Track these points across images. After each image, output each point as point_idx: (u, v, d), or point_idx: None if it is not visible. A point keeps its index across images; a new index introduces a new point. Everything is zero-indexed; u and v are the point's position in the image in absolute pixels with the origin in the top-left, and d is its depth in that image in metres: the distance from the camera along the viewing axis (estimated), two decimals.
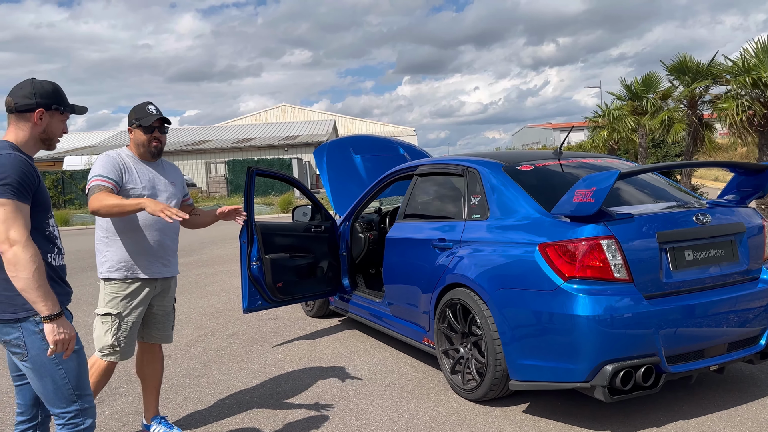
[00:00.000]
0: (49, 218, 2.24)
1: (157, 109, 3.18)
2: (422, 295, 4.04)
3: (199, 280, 8.27)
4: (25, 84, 2.25)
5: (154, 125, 3.13)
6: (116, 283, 3.07)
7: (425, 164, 4.52)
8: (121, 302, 3.08)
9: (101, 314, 3.10)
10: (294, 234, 5.04)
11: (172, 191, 3.23)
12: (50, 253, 2.22)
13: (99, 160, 3.10)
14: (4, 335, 2.17)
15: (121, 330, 3.08)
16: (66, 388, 2.21)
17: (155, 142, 3.15)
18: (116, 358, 3.10)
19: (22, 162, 2.09)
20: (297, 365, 4.42)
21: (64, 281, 2.29)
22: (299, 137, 40.62)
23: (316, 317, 5.81)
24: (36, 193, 2.14)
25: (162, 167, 3.27)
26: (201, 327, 5.68)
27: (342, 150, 6.25)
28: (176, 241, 3.28)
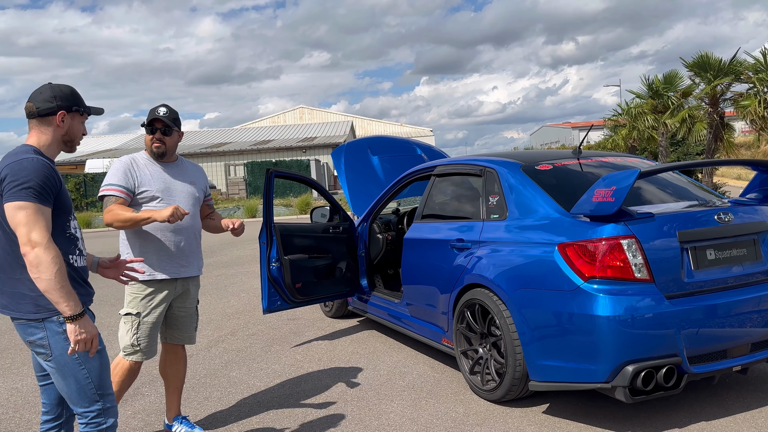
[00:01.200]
0: (71, 220, 2.28)
1: (169, 110, 3.17)
2: (441, 296, 4.05)
3: (219, 282, 8.35)
4: (44, 88, 2.29)
5: (156, 126, 3.13)
6: (136, 284, 3.10)
7: (443, 164, 4.52)
8: (141, 302, 3.11)
9: (123, 314, 3.16)
10: (313, 235, 5.08)
11: (190, 191, 3.23)
12: (72, 255, 2.25)
13: (112, 166, 3.15)
14: (28, 335, 2.21)
15: (141, 330, 3.12)
16: (89, 388, 2.24)
17: (156, 143, 3.15)
18: (138, 357, 3.14)
19: (44, 166, 2.13)
20: (316, 365, 4.44)
21: (87, 282, 2.32)
22: (317, 139, 40.80)
23: (335, 318, 5.84)
24: (58, 195, 2.18)
25: (181, 168, 3.28)
26: (221, 327, 5.74)
27: (360, 151, 6.28)
28: (197, 242, 3.29)
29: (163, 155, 3.17)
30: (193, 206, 3.23)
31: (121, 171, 3.09)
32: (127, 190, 3.06)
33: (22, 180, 2.07)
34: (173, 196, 3.15)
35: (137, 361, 3.16)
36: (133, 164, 3.13)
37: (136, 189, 3.09)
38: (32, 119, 2.27)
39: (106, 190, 3.07)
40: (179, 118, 3.22)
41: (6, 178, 2.09)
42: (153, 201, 3.10)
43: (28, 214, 2.05)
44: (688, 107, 14.70)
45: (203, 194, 3.36)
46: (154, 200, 3.10)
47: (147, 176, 3.12)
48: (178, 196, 3.17)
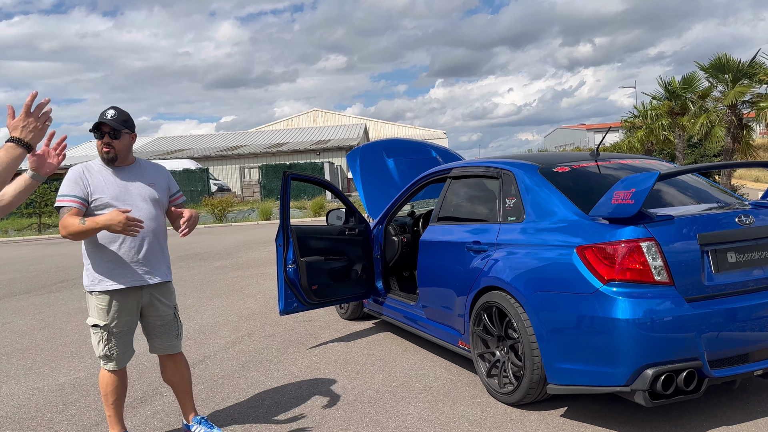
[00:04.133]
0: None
1: (117, 112, 3.02)
2: (457, 298, 4.04)
3: (235, 283, 8.40)
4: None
5: (103, 130, 3.00)
6: (99, 295, 3.04)
7: (459, 167, 4.52)
8: (107, 313, 3.04)
9: (90, 325, 3.10)
10: (328, 237, 5.10)
11: (148, 194, 3.12)
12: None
13: (65, 176, 3.04)
14: None
15: (111, 340, 3.07)
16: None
17: (105, 148, 3.02)
18: (113, 366, 3.11)
19: None
20: (332, 367, 4.46)
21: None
22: (331, 141, 40.93)
23: (351, 320, 5.85)
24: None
25: (139, 170, 3.15)
26: (238, 329, 5.78)
27: (375, 153, 6.29)
28: (161, 247, 3.17)
29: (114, 160, 3.05)
30: (153, 209, 3.12)
31: (72, 180, 3.00)
32: (80, 200, 2.97)
33: None
34: (128, 201, 3.04)
35: (114, 370, 3.13)
36: (85, 172, 3.03)
37: (90, 197, 2.99)
38: None
39: (59, 201, 2.98)
40: (131, 119, 3.09)
41: None
42: (107, 208, 2.99)
43: None
44: (707, 111, 14.54)
45: (166, 195, 3.23)
46: (109, 207, 2.99)
47: (100, 183, 3.02)
48: (134, 201, 3.06)
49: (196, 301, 7.24)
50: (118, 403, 3.20)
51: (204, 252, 12.50)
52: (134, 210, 3.03)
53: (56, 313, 6.97)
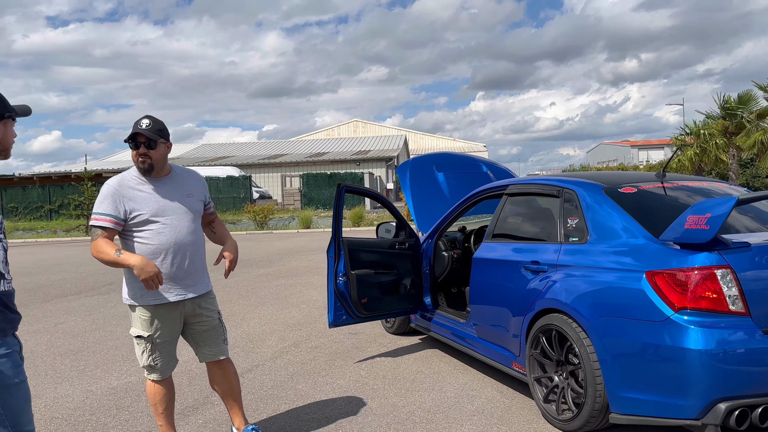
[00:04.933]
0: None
1: (152, 122, 2.96)
2: (512, 319, 3.94)
3: (279, 292, 8.44)
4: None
5: (139, 141, 2.94)
6: (140, 308, 3.02)
7: (516, 183, 4.43)
8: (150, 325, 3.03)
9: (134, 336, 3.09)
10: (379, 250, 5.07)
11: (187, 206, 3.07)
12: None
13: (100, 191, 2.98)
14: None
15: (155, 351, 3.07)
16: (3, 425, 2.03)
17: (141, 158, 2.95)
18: (157, 376, 3.12)
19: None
20: (381, 383, 4.40)
21: (9, 307, 2.08)
22: (371, 152, 41.11)
23: (396, 334, 5.79)
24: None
25: (175, 181, 3.10)
26: (284, 338, 5.78)
27: (425, 167, 6.24)
28: (201, 259, 3.14)
29: (150, 170, 2.98)
30: (192, 221, 3.08)
31: (108, 197, 2.91)
32: (116, 219, 2.90)
33: None
34: (170, 215, 2.99)
35: (159, 380, 3.13)
36: (121, 188, 2.95)
37: (127, 215, 2.92)
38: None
39: (95, 219, 2.92)
40: (165, 128, 3.02)
41: None
42: (149, 224, 2.94)
43: None
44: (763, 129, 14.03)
45: (203, 205, 3.19)
46: (150, 223, 2.94)
47: (138, 198, 2.95)
48: (174, 215, 3.00)
49: (241, 309, 7.30)
50: (167, 412, 3.21)
51: (247, 259, 12.62)
52: (174, 225, 3.01)
53: (106, 316, 7.11)
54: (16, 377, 2.04)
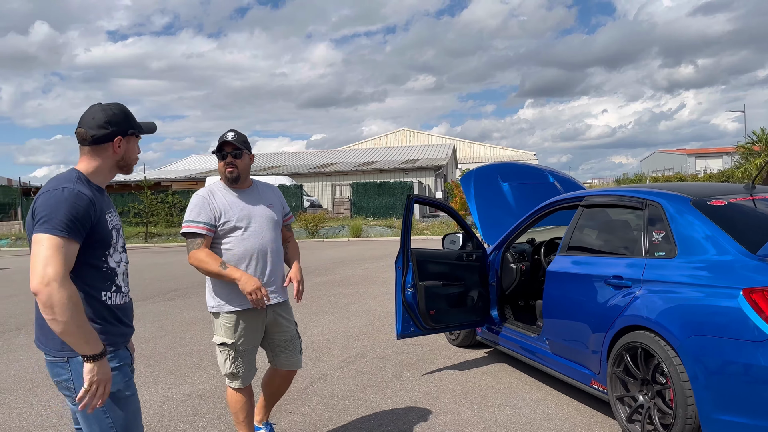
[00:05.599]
0: (110, 254, 2.07)
1: (237, 134, 3.09)
2: (592, 335, 3.83)
3: (337, 301, 8.48)
4: (96, 112, 2.09)
5: (226, 150, 3.07)
6: (226, 315, 3.09)
7: (594, 195, 4.31)
8: (234, 332, 3.09)
9: (218, 344, 3.15)
10: (447, 262, 5.02)
11: (269, 216, 3.17)
12: (106, 291, 2.06)
13: (191, 201, 3.11)
14: (55, 376, 2.04)
15: (238, 358, 3.12)
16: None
17: (229, 168, 3.08)
18: (238, 384, 3.16)
19: (77, 197, 1.94)
20: (451, 397, 4.34)
21: (122, 321, 2.11)
22: (419, 161, 41.09)
23: (461, 347, 5.72)
24: (94, 228, 1.99)
25: (257, 192, 3.21)
26: (349, 348, 5.78)
27: (489, 177, 6.16)
28: (282, 267, 3.24)
29: (236, 180, 3.11)
30: (273, 230, 3.18)
31: (200, 206, 3.05)
32: (208, 226, 3.02)
33: (49, 212, 1.89)
34: (254, 223, 3.10)
35: (240, 388, 3.16)
36: (210, 196, 3.08)
37: (217, 222, 3.04)
38: (84, 147, 2.09)
39: (188, 227, 3.03)
40: (248, 141, 3.16)
41: (36, 209, 1.94)
42: (235, 231, 3.06)
43: (47, 248, 1.85)
44: None
45: (281, 216, 3.29)
46: (236, 230, 3.06)
47: (226, 206, 3.07)
48: (258, 222, 3.12)
49: (303, 317, 7.35)
50: (248, 420, 3.25)
51: (303, 267, 12.75)
52: (258, 233, 3.11)
53: (174, 322, 7.29)
54: (127, 390, 2.06)
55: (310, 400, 4.32)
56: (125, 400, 2.06)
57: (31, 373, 5.18)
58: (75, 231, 1.90)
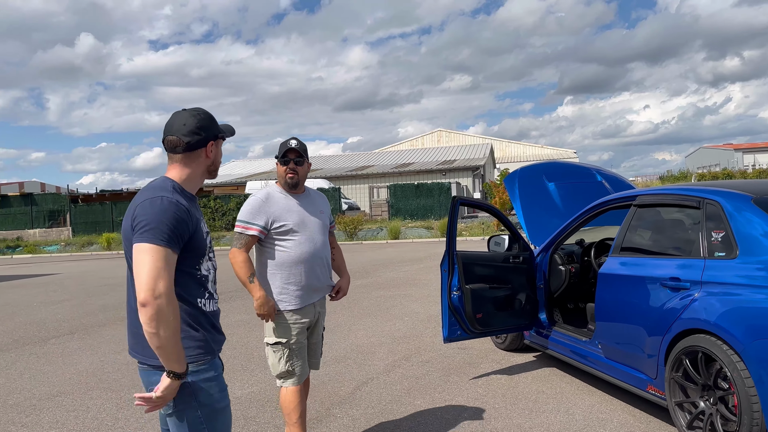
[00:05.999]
0: (203, 262, 2.05)
1: (299, 142, 3.23)
2: (647, 339, 3.71)
3: (380, 303, 8.47)
4: (187, 118, 2.06)
5: (290, 157, 3.20)
6: (279, 314, 3.17)
7: (647, 194, 4.18)
8: (288, 331, 3.17)
9: (271, 344, 3.19)
10: (493, 264, 4.95)
11: (320, 221, 3.29)
12: (200, 298, 2.04)
13: (247, 201, 3.22)
14: (151, 384, 1.99)
15: (293, 356, 3.18)
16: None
17: (290, 174, 3.20)
18: (293, 383, 3.19)
19: (177, 207, 1.93)
20: (501, 402, 4.27)
21: (216, 327, 2.10)
22: (456, 161, 40.85)
23: (508, 350, 5.63)
24: (191, 237, 1.97)
25: (310, 197, 3.34)
26: (394, 352, 5.76)
27: (534, 177, 6.06)
28: (330, 270, 3.38)
29: (296, 185, 3.23)
30: (324, 235, 3.31)
31: (256, 208, 3.15)
32: (261, 228, 3.13)
33: (153, 221, 1.87)
34: (309, 228, 3.22)
35: (296, 386, 3.20)
36: (268, 199, 3.19)
37: (271, 224, 3.14)
38: (176, 154, 2.05)
39: (241, 226, 3.15)
40: (307, 150, 3.29)
41: (137, 217, 1.90)
42: (291, 234, 3.16)
43: (156, 260, 1.83)
44: None
45: (329, 222, 3.41)
46: (292, 233, 3.16)
47: (283, 210, 3.17)
48: (311, 227, 3.23)
49: (347, 320, 7.37)
50: (301, 420, 3.27)
51: None
52: (311, 237, 3.22)
53: (224, 324, 7.31)
54: (223, 401, 2.04)
55: (358, 404, 4.31)
56: (222, 411, 2.03)
57: (86, 376, 5.32)
58: (175, 242, 1.89)
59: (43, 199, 34.01)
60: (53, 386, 5.04)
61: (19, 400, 4.72)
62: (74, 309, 9.28)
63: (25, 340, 7.08)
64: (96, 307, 9.41)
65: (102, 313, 8.78)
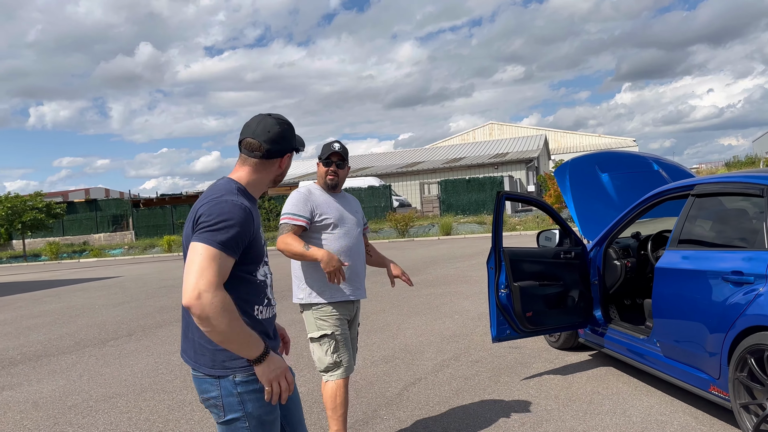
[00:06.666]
0: (260, 267, 2.01)
1: (342, 146, 3.33)
2: (709, 337, 3.48)
3: (429, 301, 8.37)
4: (273, 126, 2.02)
5: (332, 159, 3.30)
6: (322, 307, 3.24)
7: (705, 183, 3.93)
8: (331, 322, 3.22)
9: (317, 338, 3.23)
10: (543, 260, 4.77)
11: (356, 220, 3.40)
12: (258, 305, 1.99)
13: (290, 196, 3.31)
14: (203, 392, 1.95)
15: (340, 346, 3.23)
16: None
17: (331, 176, 3.32)
18: (342, 373, 3.22)
19: (243, 211, 1.88)
20: (554, 403, 4.10)
21: (269, 335, 2.03)
22: (509, 154, 40.17)
23: (562, 349, 5.43)
24: (251, 243, 1.93)
25: (345, 199, 3.44)
26: (443, 351, 5.66)
27: (586, 168, 5.82)
28: (365, 266, 3.45)
29: (335, 187, 3.35)
30: (360, 233, 3.42)
31: (301, 201, 3.26)
32: (306, 219, 3.22)
33: (215, 222, 1.83)
34: (347, 223, 3.34)
35: (343, 378, 3.22)
36: (310, 194, 3.31)
37: (314, 216, 3.24)
38: (253, 158, 2.02)
39: (287, 218, 3.22)
40: (348, 153, 3.40)
41: (201, 216, 1.87)
42: (332, 228, 3.27)
43: (204, 258, 1.78)
44: None
45: (362, 224, 3.51)
46: (332, 227, 3.27)
47: (323, 204, 3.29)
48: (349, 224, 3.34)
49: (396, 318, 7.31)
50: (345, 416, 3.27)
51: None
52: (350, 232, 3.34)
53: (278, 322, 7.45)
54: (272, 413, 1.98)
55: (405, 406, 4.24)
56: (270, 424, 1.97)
57: (140, 378, 5.46)
58: (233, 246, 1.84)
59: (107, 205, 35.47)
60: (109, 388, 5.19)
61: (77, 401, 4.88)
62: (133, 311, 9.59)
63: (85, 342, 7.35)
64: (154, 308, 9.70)
65: (159, 314, 9.04)
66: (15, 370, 6.10)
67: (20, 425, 4.38)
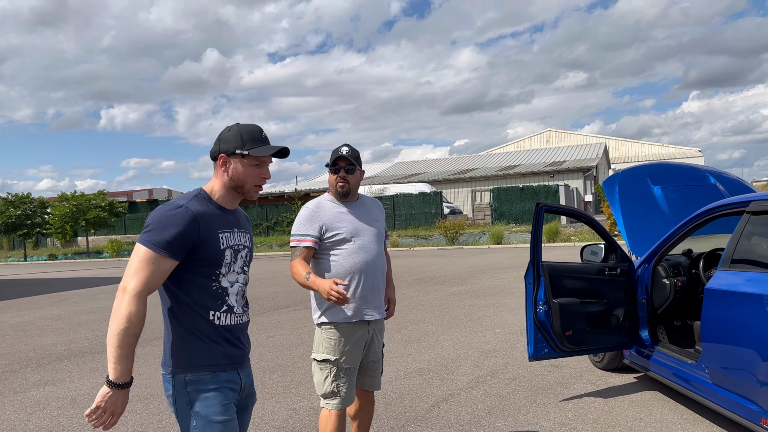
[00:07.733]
0: (223, 274, 2.04)
1: (351, 149, 3.08)
2: (762, 365, 3.20)
3: (471, 313, 8.18)
4: (225, 128, 2.11)
5: (339, 165, 3.05)
6: (332, 328, 3.00)
7: (761, 200, 3.64)
8: (338, 347, 2.98)
9: (319, 360, 3.01)
10: (585, 276, 4.55)
11: (375, 230, 3.13)
12: (214, 310, 2.03)
13: (299, 214, 3.11)
14: (164, 390, 2.05)
15: (340, 376, 2.98)
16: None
17: (341, 182, 3.06)
18: (338, 405, 2.97)
19: (184, 216, 1.95)
20: (591, 428, 3.88)
21: (230, 341, 2.06)
22: (566, 163, 39.23)
23: (606, 370, 5.17)
24: (198, 246, 1.97)
25: (364, 206, 3.17)
26: (480, 366, 5.48)
27: (637, 180, 5.54)
28: (384, 282, 3.18)
29: (347, 194, 3.08)
30: (379, 244, 3.13)
31: (306, 218, 3.05)
32: (314, 238, 3.00)
33: (152, 225, 1.94)
34: (362, 237, 3.07)
35: (338, 410, 2.98)
36: (319, 209, 3.07)
37: (323, 234, 3.01)
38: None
39: (294, 240, 3.03)
40: (360, 157, 3.14)
41: (147, 219, 2.00)
42: (344, 243, 3.02)
43: (141, 260, 1.90)
44: None
45: (384, 230, 3.23)
46: (345, 243, 3.02)
47: (335, 219, 3.05)
48: (365, 236, 3.07)
49: (435, 329, 7.16)
50: None
51: (439, 276, 12.59)
52: (365, 246, 3.05)
53: (311, 330, 7.46)
54: (222, 415, 1.99)
55: (434, 423, 4.10)
56: (220, 424, 1.97)
57: None
58: (170, 248, 1.92)
59: None
60: (145, 388, 5.27)
61: None
62: None
63: None
64: None
65: None
66: (60, 366, 6.30)
67: (56, 422, 4.49)
